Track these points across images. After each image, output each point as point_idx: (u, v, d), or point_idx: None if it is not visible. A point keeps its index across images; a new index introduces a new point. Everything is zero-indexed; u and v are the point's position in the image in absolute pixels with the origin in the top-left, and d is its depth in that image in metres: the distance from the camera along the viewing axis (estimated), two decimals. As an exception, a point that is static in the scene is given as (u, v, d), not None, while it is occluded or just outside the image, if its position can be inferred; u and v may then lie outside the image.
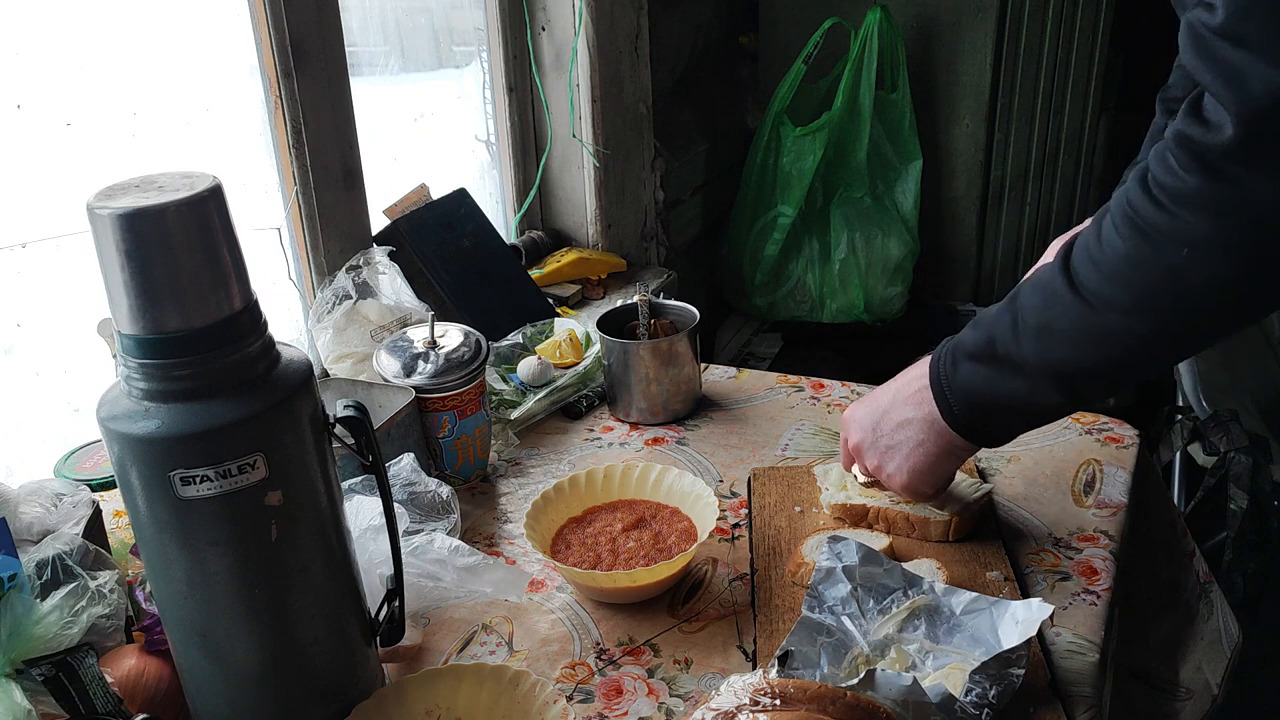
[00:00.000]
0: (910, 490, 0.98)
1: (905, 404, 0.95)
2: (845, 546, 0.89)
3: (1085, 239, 0.79)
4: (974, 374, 0.88)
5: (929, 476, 0.96)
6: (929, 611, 0.85)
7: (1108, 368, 0.81)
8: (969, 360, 0.88)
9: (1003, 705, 0.77)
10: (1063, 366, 0.82)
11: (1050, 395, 0.85)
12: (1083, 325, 0.79)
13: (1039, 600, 0.82)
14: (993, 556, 0.98)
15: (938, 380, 0.91)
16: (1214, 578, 1.24)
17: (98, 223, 0.64)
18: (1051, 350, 0.82)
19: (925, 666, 0.82)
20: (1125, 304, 0.76)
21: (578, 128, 1.75)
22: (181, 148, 1.22)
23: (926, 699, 0.73)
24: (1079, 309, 0.79)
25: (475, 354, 1.14)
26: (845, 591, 0.86)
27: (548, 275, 1.72)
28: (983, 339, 0.87)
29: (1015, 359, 0.84)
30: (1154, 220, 0.72)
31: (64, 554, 0.83)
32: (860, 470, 1.03)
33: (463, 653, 0.92)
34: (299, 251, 1.36)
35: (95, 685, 0.76)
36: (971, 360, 0.88)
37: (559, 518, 1.02)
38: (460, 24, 1.70)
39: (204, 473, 0.68)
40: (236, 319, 0.69)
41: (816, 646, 0.82)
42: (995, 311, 0.87)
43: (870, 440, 0.98)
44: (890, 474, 0.97)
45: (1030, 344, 0.83)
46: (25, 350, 1.09)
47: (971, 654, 0.81)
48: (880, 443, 0.97)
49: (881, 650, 0.83)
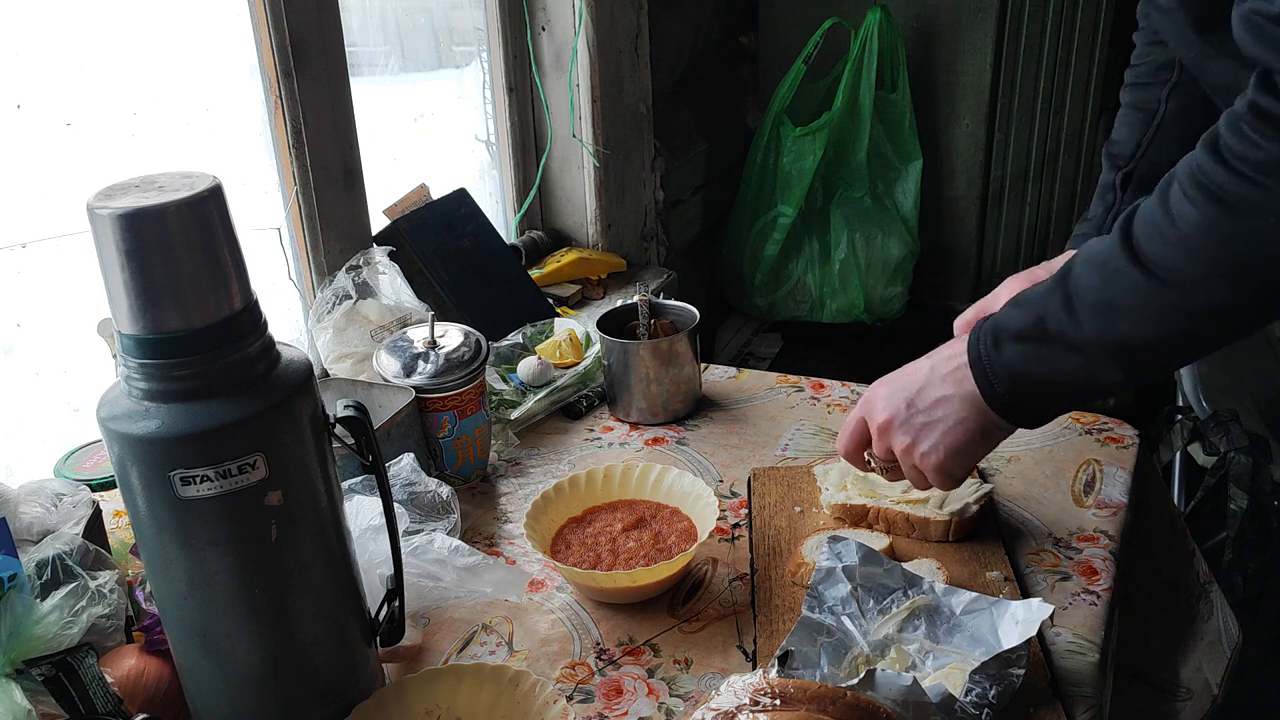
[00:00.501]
0: (942, 471, 0.92)
1: (942, 381, 0.92)
2: (845, 546, 0.89)
3: (1148, 214, 0.78)
4: (1021, 353, 0.86)
5: (964, 457, 0.92)
6: (929, 611, 0.85)
7: (1175, 341, 0.81)
8: (1015, 340, 0.87)
9: (1003, 705, 0.77)
10: (1127, 341, 0.81)
11: (1111, 373, 0.84)
12: (1149, 299, 0.79)
13: (1039, 600, 0.82)
14: (993, 556, 0.98)
15: (978, 360, 0.89)
16: (1214, 578, 1.24)
17: (98, 223, 0.64)
18: (1113, 326, 0.81)
19: (925, 666, 0.82)
20: (1200, 274, 0.76)
21: (578, 128, 1.75)
22: (181, 148, 1.22)
23: (926, 699, 0.73)
24: (1145, 283, 0.78)
25: (475, 354, 1.14)
26: (845, 591, 0.86)
27: (548, 275, 1.72)
28: (1030, 318, 0.85)
29: (1070, 337, 0.83)
30: (1235, 189, 0.73)
31: (64, 554, 0.84)
32: (876, 451, 0.96)
33: (463, 653, 0.92)
34: (299, 251, 1.36)
35: (95, 685, 0.76)
36: (1018, 340, 0.86)
37: (559, 518, 1.02)
38: (460, 24, 1.70)
39: (204, 473, 0.68)
40: (236, 319, 0.69)
41: (816, 646, 0.82)
42: (1042, 291, 0.86)
43: (903, 417, 0.93)
44: (924, 452, 0.93)
45: (1090, 321, 0.82)
46: (25, 350, 1.09)
47: (971, 654, 0.82)
48: (915, 420, 0.93)
49: (881, 650, 0.83)
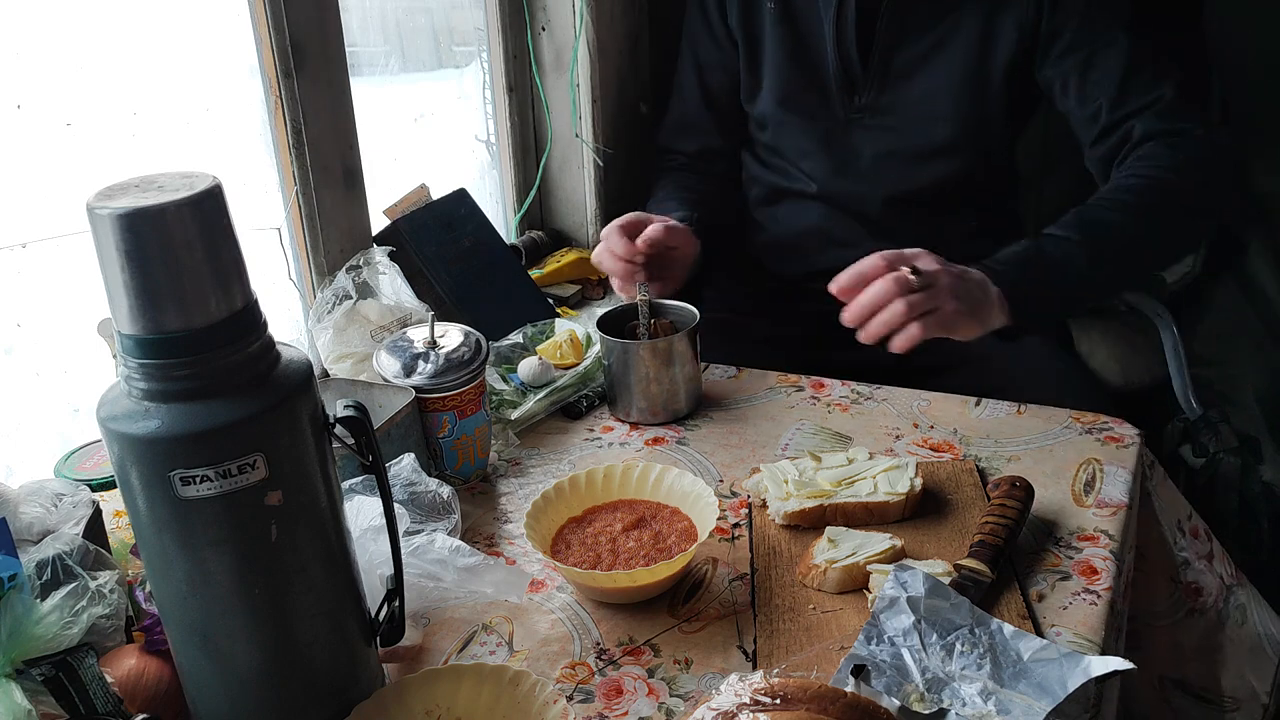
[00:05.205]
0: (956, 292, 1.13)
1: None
2: (912, 576, 0.87)
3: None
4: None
5: (976, 298, 1.16)
6: (994, 652, 0.82)
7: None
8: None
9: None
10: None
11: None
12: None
13: (1119, 659, 0.80)
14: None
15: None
16: (1244, 580, 1.22)
17: (98, 223, 0.64)
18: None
19: (987, 706, 0.79)
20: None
21: (578, 127, 1.75)
22: (181, 148, 1.22)
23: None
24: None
25: (475, 354, 1.14)
26: (909, 623, 0.84)
27: (548, 275, 1.72)
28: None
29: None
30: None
31: (64, 554, 0.83)
32: (899, 260, 1.14)
33: (463, 653, 0.92)
34: (299, 251, 1.36)
35: (95, 685, 0.76)
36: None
37: (559, 518, 1.02)
38: (460, 24, 1.70)
39: (204, 473, 0.68)
40: (236, 319, 0.69)
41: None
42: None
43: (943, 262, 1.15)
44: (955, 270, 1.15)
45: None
46: (25, 350, 1.09)
47: (1037, 704, 0.78)
48: (953, 268, 1.16)
49: (936, 687, 0.80)
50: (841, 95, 1.49)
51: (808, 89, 1.50)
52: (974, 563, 0.92)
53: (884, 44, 1.44)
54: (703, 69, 1.60)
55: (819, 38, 1.47)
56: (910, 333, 1.11)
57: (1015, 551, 0.98)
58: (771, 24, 1.50)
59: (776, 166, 1.59)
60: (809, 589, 0.96)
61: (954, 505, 1.06)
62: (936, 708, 0.78)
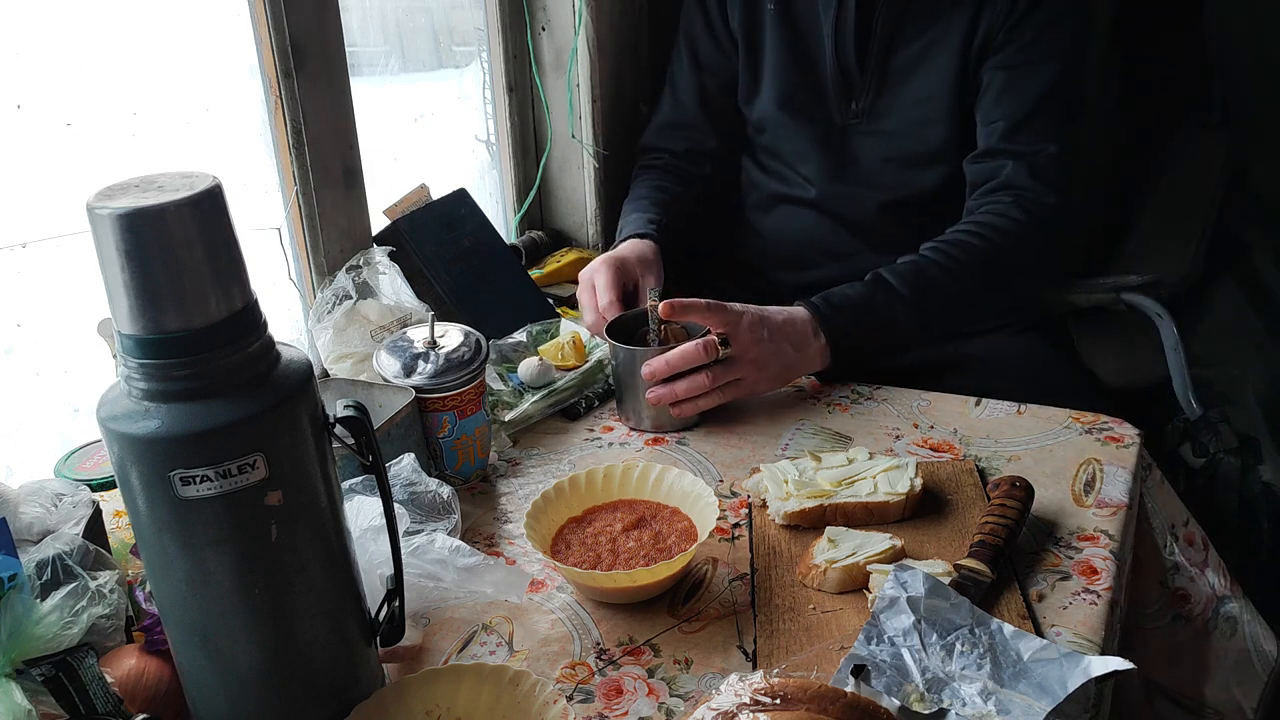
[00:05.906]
0: (761, 364, 1.24)
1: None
2: (912, 576, 0.87)
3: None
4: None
5: (787, 361, 1.27)
6: (994, 652, 0.82)
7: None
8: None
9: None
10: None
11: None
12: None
13: (1119, 659, 0.80)
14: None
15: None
16: (1240, 591, 1.21)
17: (98, 223, 0.64)
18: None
19: (987, 705, 0.79)
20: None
21: (578, 128, 1.75)
22: (181, 148, 1.22)
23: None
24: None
25: (475, 354, 1.14)
26: (909, 623, 0.84)
27: (548, 275, 1.72)
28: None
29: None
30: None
31: (64, 554, 0.83)
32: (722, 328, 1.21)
33: (463, 653, 0.92)
34: (299, 251, 1.36)
35: (95, 685, 0.76)
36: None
37: (559, 518, 1.02)
38: (460, 24, 1.70)
39: (204, 473, 0.68)
40: (236, 319, 0.69)
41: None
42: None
43: (757, 327, 1.24)
44: (769, 337, 1.24)
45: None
46: (25, 350, 1.09)
47: (1037, 704, 0.78)
48: (772, 322, 1.26)
49: (936, 687, 0.80)
50: (839, 100, 1.50)
51: (807, 90, 1.51)
52: (974, 563, 0.92)
53: (881, 45, 1.44)
54: (701, 69, 1.61)
55: (818, 38, 1.48)
56: (709, 400, 1.23)
57: (1015, 551, 0.98)
58: (772, 25, 1.50)
59: (775, 170, 1.59)
60: (809, 589, 0.96)
61: (954, 505, 1.06)
62: (936, 708, 0.78)
